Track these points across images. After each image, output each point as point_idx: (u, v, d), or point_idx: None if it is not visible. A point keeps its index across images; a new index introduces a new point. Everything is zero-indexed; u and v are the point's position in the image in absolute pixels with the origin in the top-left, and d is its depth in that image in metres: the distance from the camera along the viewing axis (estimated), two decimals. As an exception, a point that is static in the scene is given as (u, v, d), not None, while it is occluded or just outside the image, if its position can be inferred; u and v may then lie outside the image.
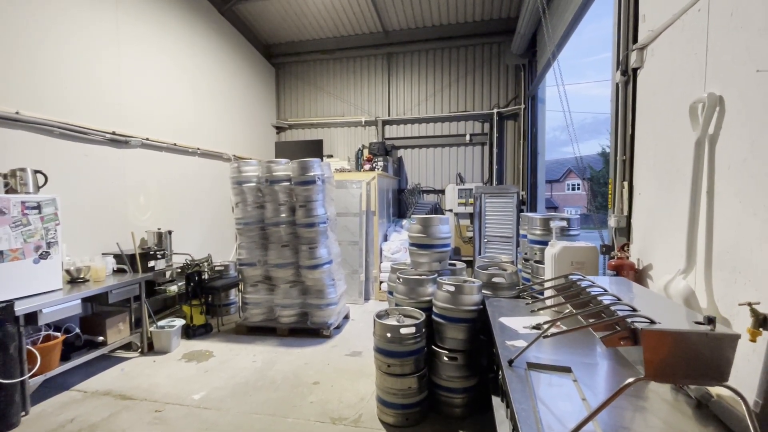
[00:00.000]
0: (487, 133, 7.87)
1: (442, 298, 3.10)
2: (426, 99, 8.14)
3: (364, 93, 8.41)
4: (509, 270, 3.56)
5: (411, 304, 3.34)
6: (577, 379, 1.68)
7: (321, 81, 8.61)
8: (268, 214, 4.83)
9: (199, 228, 6.18)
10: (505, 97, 7.75)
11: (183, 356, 4.22)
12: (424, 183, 8.24)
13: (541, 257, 3.35)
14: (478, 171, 8.02)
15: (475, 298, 3.05)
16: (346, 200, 6.37)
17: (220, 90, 6.80)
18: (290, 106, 8.84)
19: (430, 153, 8.22)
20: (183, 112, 5.88)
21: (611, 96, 2.90)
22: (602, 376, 1.74)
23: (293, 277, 4.86)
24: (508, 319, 2.53)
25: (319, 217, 4.73)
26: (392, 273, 3.92)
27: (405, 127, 8.29)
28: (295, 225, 4.77)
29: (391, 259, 6.63)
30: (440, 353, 3.09)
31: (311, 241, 4.74)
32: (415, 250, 3.70)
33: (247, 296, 4.95)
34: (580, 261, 2.66)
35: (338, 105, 8.56)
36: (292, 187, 4.76)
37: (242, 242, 4.96)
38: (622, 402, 1.51)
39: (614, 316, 1.19)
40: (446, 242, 3.68)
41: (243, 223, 4.89)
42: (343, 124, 8.54)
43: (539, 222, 3.38)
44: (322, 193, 4.82)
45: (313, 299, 4.80)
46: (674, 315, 1.19)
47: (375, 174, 6.58)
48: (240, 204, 4.94)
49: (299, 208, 4.73)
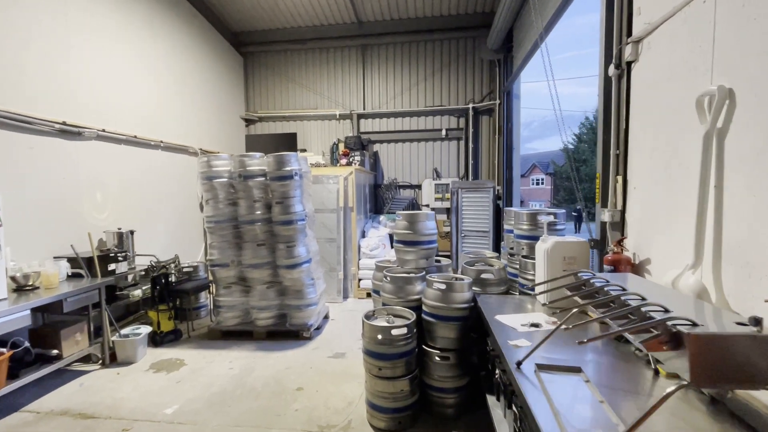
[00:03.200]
0: (463, 128, 7.88)
1: (433, 296, 3.01)
2: (401, 93, 8.02)
3: (338, 85, 8.17)
4: (496, 266, 3.53)
5: (400, 304, 3.23)
6: (589, 380, 1.62)
7: (293, 72, 8.27)
8: (241, 211, 4.55)
9: (163, 227, 5.76)
10: (480, 93, 7.78)
11: (151, 366, 3.90)
12: (401, 178, 8.15)
13: (529, 252, 3.34)
14: (454, 166, 8.02)
15: (466, 296, 2.97)
16: (322, 196, 6.16)
17: (185, 79, 6.35)
18: (260, 97, 8.45)
19: (406, 148, 8.13)
20: (144, 102, 5.43)
21: (599, 90, 2.89)
22: (614, 375, 1.70)
23: (270, 278, 4.62)
24: (504, 317, 2.47)
25: (297, 214, 4.51)
26: (377, 271, 3.78)
27: (380, 121, 8.15)
28: (272, 223, 4.53)
29: (370, 255, 6.50)
30: (431, 353, 3.00)
31: (289, 239, 4.52)
32: (402, 247, 3.58)
33: (220, 299, 4.65)
34: (572, 256, 2.64)
35: (311, 97, 8.27)
36: (267, 182, 4.50)
37: (213, 242, 4.65)
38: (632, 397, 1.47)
39: (648, 318, 1.12)
40: (433, 239, 3.59)
41: (214, 221, 4.57)
42: (317, 117, 8.27)
43: (527, 217, 3.36)
44: (299, 189, 4.60)
45: (291, 300, 4.59)
46: (708, 315, 1.14)
47: (352, 169, 6.40)
48: (211, 201, 4.62)
49: (276, 204, 4.49)
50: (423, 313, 3.10)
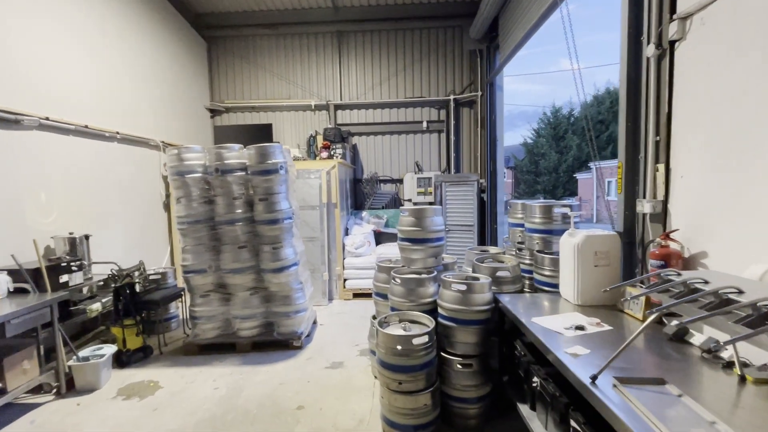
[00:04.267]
0: (444, 121, 7.68)
1: (451, 298, 2.75)
2: (380, 83, 7.68)
3: (314, 74, 7.69)
4: (508, 262, 3.33)
5: (411, 308, 2.94)
6: (682, 393, 1.42)
7: (263, 59, 7.68)
8: (219, 210, 4.05)
9: (123, 230, 5.08)
10: (461, 84, 7.61)
11: (119, 392, 3.36)
12: (381, 172, 7.83)
13: (543, 246, 3.16)
14: (435, 159, 7.82)
15: (486, 297, 2.74)
16: (303, 191, 5.72)
17: (141, 64, 5.63)
18: (226, 86, 7.79)
19: (386, 140, 7.82)
20: (96, 89, 4.72)
21: (621, 75, 2.74)
22: (702, 386, 1.51)
23: (254, 283, 4.17)
24: (541, 320, 2.25)
25: (284, 212, 4.08)
26: (381, 272, 3.47)
27: (359, 112, 7.77)
28: (254, 222, 4.07)
29: (355, 254, 6.16)
30: (452, 361, 2.74)
31: (275, 240, 4.08)
32: (408, 245, 3.29)
33: (196, 309, 4.13)
34: (604, 250, 2.48)
35: (284, 87, 7.73)
36: (248, 177, 4.03)
37: (187, 245, 4.11)
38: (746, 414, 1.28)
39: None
40: (441, 235, 3.33)
41: (187, 221, 4.04)
42: (290, 108, 7.75)
43: (539, 210, 3.18)
44: (285, 184, 4.17)
45: (279, 307, 4.16)
46: None
47: (335, 162, 6.00)
48: (183, 199, 4.08)
49: (259, 202, 4.04)
50: (439, 317, 2.84)
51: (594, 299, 2.49)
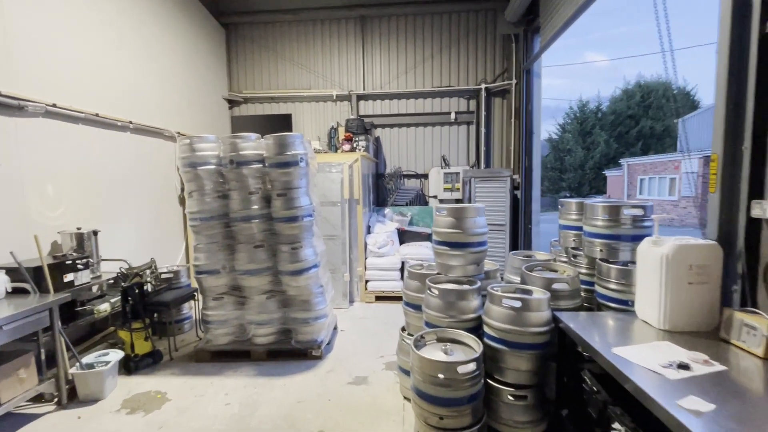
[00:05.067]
0: (474, 111, 7.17)
1: (501, 316, 2.31)
2: (405, 72, 7.22)
3: (335, 62, 7.28)
4: (566, 272, 2.86)
5: (451, 324, 2.52)
6: None
7: (282, 47, 7.33)
8: (234, 205, 3.71)
9: (134, 226, 4.83)
10: (493, 72, 7.06)
11: (123, 404, 3.07)
12: (405, 167, 7.39)
13: (607, 254, 2.68)
14: (463, 153, 7.32)
15: (545, 316, 2.29)
16: (324, 186, 5.35)
17: (157, 50, 5.35)
18: (245, 76, 7.47)
19: (411, 133, 7.36)
20: (108, 75, 4.45)
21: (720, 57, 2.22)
22: None
23: (270, 286, 3.82)
24: (625, 350, 1.78)
25: (304, 209, 3.71)
26: (412, 280, 3.05)
27: (382, 103, 7.33)
28: (272, 219, 3.71)
29: (378, 254, 5.76)
30: (502, 391, 2.31)
31: (294, 239, 3.72)
32: (446, 250, 2.85)
33: (208, 313, 3.82)
34: (701, 264, 1.98)
35: (304, 76, 7.36)
36: (266, 170, 3.67)
37: (199, 243, 3.79)
38: None
39: None
40: (484, 239, 2.89)
41: (200, 218, 3.72)
42: (311, 99, 7.38)
43: (604, 211, 2.68)
44: (305, 178, 3.79)
45: (297, 312, 3.81)
46: None
47: (358, 155, 5.60)
48: (195, 193, 3.75)
49: (277, 197, 3.67)
50: (485, 337, 2.41)
51: (685, 324, 2.01)
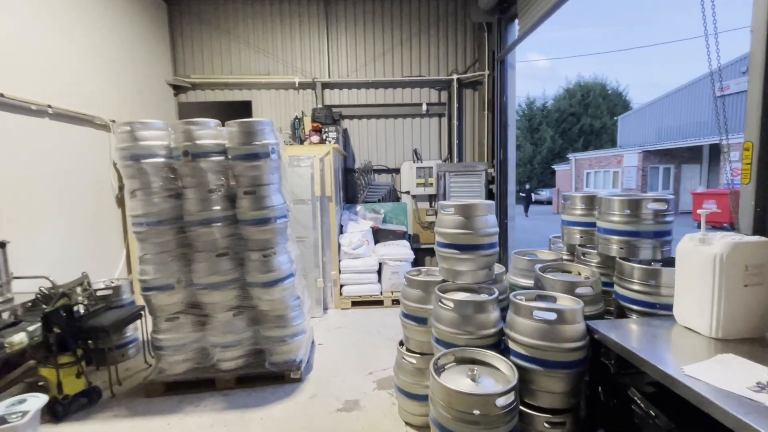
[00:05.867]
0: (445, 103, 6.89)
1: (531, 330, 1.98)
2: (374, 59, 6.76)
3: (296, 47, 6.65)
4: (581, 273, 2.60)
5: (469, 342, 2.15)
6: None
7: (236, 27, 6.56)
8: (190, 206, 3.07)
9: (61, 233, 3.97)
10: (464, 62, 6.82)
11: (48, 467, 2.37)
12: (375, 161, 6.96)
13: (627, 253, 2.45)
14: (435, 147, 7.03)
15: (580, 329, 1.99)
16: (292, 182, 4.77)
17: (85, 22, 4.44)
18: (192, 58, 6.61)
19: (381, 125, 6.94)
20: (18, 45, 3.56)
21: (756, 27, 2.03)
22: None
23: (237, 301, 3.23)
24: (698, 370, 1.50)
25: (276, 209, 3.16)
26: (412, 288, 2.65)
27: (350, 92, 6.83)
28: (238, 222, 3.13)
29: (353, 255, 5.29)
30: (535, 418, 1.98)
31: (265, 244, 3.16)
32: (453, 253, 2.48)
33: (161, 337, 3.16)
34: (758, 263, 1.77)
35: (261, 60, 6.65)
36: (230, 163, 3.08)
37: (146, 253, 3.11)
38: None
39: None
40: (495, 240, 2.54)
41: (146, 222, 3.04)
42: (270, 86, 6.69)
43: (622, 205, 2.45)
44: (277, 173, 3.24)
45: (271, 330, 3.26)
46: None
47: (329, 148, 5.08)
48: (139, 193, 3.06)
49: (244, 195, 3.09)
50: (511, 355, 2.06)
51: (740, 331, 1.79)
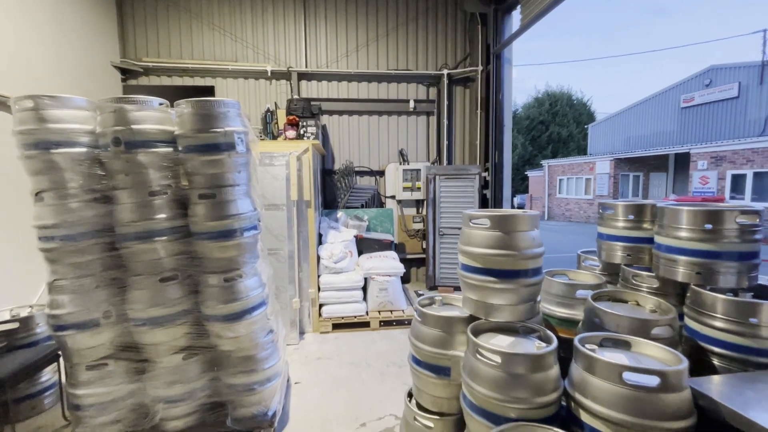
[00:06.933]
0: (434, 100, 6.32)
1: (618, 400, 1.37)
2: (357, 49, 6.09)
3: (269, 31, 5.87)
4: (650, 306, 2.02)
5: (522, 413, 1.50)
6: None
7: (198, 6, 5.70)
8: (124, 214, 2.26)
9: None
10: (454, 57, 6.29)
11: None
12: (357, 162, 6.27)
13: (704, 278, 1.90)
14: (423, 147, 6.44)
15: (686, 398, 1.39)
16: (263, 184, 4.01)
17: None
18: (145, 39, 5.67)
19: (364, 122, 6.26)
20: None
21: None
22: None
23: (189, 340, 2.44)
24: None
25: (243, 218, 2.41)
26: (428, 327, 1.98)
27: (329, 84, 6.11)
28: (192, 236, 2.35)
29: (334, 269, 4.56)
30: None
31: (228, 265, 2.40)
32: (488, 281, 1.84)
33: (80, 393, 2.30)
34: None
35: (228, 45, 5.82)
36: (181, 156, 2.30)
37: (59, 278, 2.27)
38: None
39: None
40: (541, 264, 1.92)
41: (59, 236, 2.20)
42: (238, 74, 5.86)
43: (695, 217, 1.90)
44: (245, 170, 2.49)
45: (235, 376, 2.49)
46: None
47: (308, 144, 4.34)
48: (48, 195, 2.22)
49: (200, 200, 2.32)
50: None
51: None
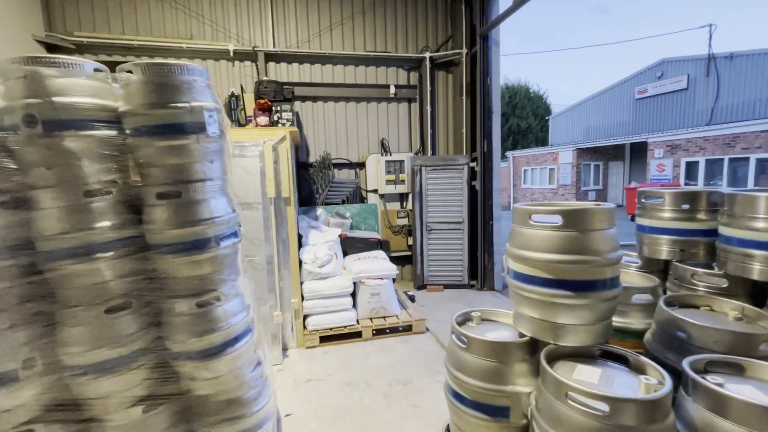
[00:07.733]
0: (416, 86, 5.89)
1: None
2: (330, 28, 5.51)
3: (230, 6, 5.15)
4: (721, 309, 1.70)
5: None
6: None
7: (143, -30, 4.87)
8: (46, 224, 1.62)
9: None
10: (436, 39, 5.87)
11: None
12: (334, 153, 5.72)
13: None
14: (405, 137, 6.00)
15: None
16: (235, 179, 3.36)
17: None
18: (78, 11, 4.77)
19: (341, 109, 5.71)
20: None
21: None
22: None
23: (150, 388, 1.84)
24: None
25: (219, 223, 1.85)
26: (476, 356, 1.55)
27: (300, 67, 5.50)
28: (149, 250, 1.75)
29: (319, 275, 4.03)
30: None
31: (202, 285, 1.82)
32: (557, 295, 1.43)
33: (-9, 474, 1.66)
34: None
35: (182, 21, 5.04)
36: (128, 142, 1.69)
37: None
38: None
39: None
40: (618, 273, 1.53)
41: (-53, 257, 1.53)
42: (195, 54, 5.10)
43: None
44: (219, 161, 1.92)
45: (216, 427, 1.93)
46: None
47: (285, 132, 3.74)
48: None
49: (159, 201, 1.72)
50: None
51: None
